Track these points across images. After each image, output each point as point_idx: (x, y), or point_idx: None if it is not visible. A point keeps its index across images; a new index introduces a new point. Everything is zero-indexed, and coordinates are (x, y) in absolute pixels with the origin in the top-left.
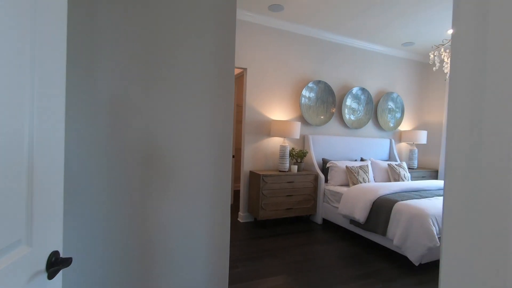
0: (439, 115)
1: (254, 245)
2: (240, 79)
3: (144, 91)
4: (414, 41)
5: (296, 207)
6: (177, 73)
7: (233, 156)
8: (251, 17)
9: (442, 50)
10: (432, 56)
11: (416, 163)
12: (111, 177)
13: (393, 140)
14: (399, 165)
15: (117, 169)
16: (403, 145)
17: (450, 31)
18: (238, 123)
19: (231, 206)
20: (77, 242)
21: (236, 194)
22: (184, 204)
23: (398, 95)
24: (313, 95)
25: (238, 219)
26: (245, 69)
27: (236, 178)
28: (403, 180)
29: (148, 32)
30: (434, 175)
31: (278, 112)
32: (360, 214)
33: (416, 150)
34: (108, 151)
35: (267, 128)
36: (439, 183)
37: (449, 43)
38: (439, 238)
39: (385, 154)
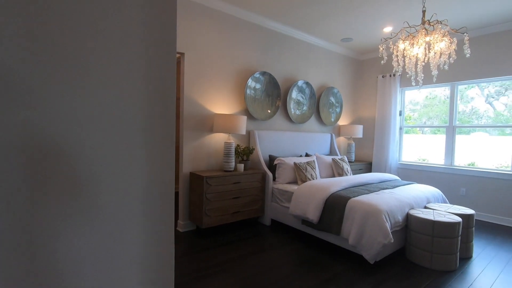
0: (372, 110)
1: (200, 260)
2: (176, 66)
3: (34, 64)
4: (353, 37)
5: (244, 210)
6: (91, 39)
7: None
8: None
9: (391, 43)
10: (381, 48)
11: (354, 157)
12: None
13: (333, 135)
14: (342, 159)
15: None
16: (342, 139)
17: (387, 29)
18: (176, 118)
19: None
20: None
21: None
22: (103, 226)
23: (338, 91)
24: (259, 86)
25: (178, 228)
26: (182, 53)
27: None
28: (346, 174)
29: None
30: (369, 167)
31: (221, 105)
32: (314, 214)
33: (354, 144)
34: None
35: (209, 123)
36: (380, 175)
37: (397, 35)
38: (392, 232)
39: (327, 149)
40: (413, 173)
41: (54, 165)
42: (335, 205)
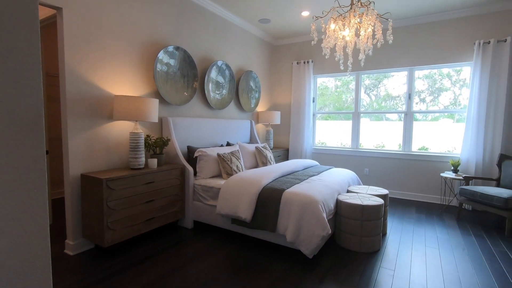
0: (288, 96)
1: None
2: (49, 30)
3: None
4: (270, 19)
5: (160, 215)
6: None
7: (47, 152)
8: None
9: (322, 21)
10: (313, 27)
11: (272, 144)
12: None
13: (253, 122)
14: (265, 147)
15: None
16: (260, 126)
17: (304, 13)
18: (53, 102)
19: (50, 230)
20: None
21: (56, 208)
22: None
23: (257, 75)
24: (174, 62)
25: (66, 251)
26: (59, 9)
27: (55, 182)
28: (270, 163)
29: None
30: (286, 153)
31: (123, 84)
32: (246, 212)
33: (272, 131)
34: None
35: (106, 109)
36: (303, 162)
37: (328, 14)
38: (328, 220)
39: (247, 137)
40: (325, 157)
41: None
42: (270, 200)
